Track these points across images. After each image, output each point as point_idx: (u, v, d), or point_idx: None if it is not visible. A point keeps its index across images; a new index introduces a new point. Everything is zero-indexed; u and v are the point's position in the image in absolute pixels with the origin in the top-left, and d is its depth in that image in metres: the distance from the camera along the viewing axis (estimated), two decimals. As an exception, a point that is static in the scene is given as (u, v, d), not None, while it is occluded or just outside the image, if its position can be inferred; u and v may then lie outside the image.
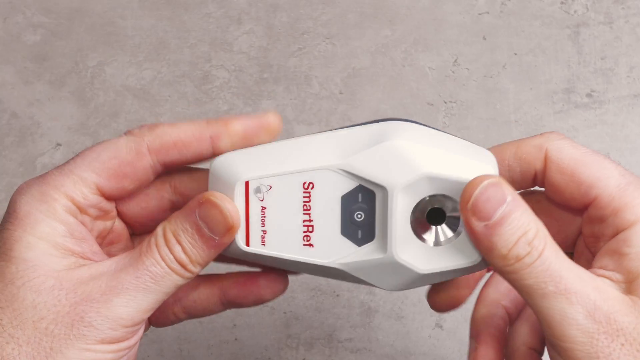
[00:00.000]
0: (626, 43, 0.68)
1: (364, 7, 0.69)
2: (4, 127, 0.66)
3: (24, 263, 0.41)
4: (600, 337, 0.39)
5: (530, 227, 0.40)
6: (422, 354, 0.61)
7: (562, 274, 0.39)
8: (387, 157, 0.41)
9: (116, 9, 0.69)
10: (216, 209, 0.41)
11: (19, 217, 0.42)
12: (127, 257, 0.42)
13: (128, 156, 0.43)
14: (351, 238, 0.42)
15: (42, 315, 0.40)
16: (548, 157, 0.43)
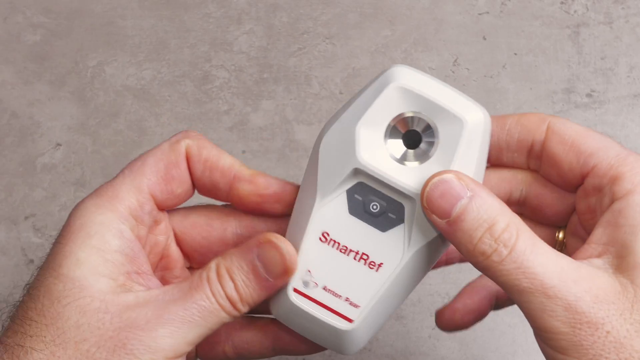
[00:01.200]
0: (626, 43, 0.68)
1: (364, 7, 0.69)
2: (4, 127, 0.66)
3: (72, 282, 0.41)
4: (582, 326, 0.38)
5: (497, 219, 0.39)
6: (422, 354, 0.61)
7: (537, 270, 0.38)
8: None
9: (116, 9, 0.69)
10: (276, 250, 0.42)
11: (72, 231, 0.42)
12: (176, 288, 0.41)
13: (172, 157, 0.44)
14: (371, 220, 0.42)
15: (84, 337, 0.40)
16: (550, 128, 0.43)
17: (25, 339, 0.40)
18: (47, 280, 0.41)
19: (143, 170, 0.43)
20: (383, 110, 0.42)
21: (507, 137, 0.44)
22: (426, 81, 0.42)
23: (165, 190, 0.44)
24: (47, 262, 0.42)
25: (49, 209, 0.64)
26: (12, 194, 0.65)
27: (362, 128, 0.42)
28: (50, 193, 0.65)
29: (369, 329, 0.44)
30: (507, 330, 0.61)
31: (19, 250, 0.63)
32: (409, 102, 0.42)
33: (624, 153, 0.41)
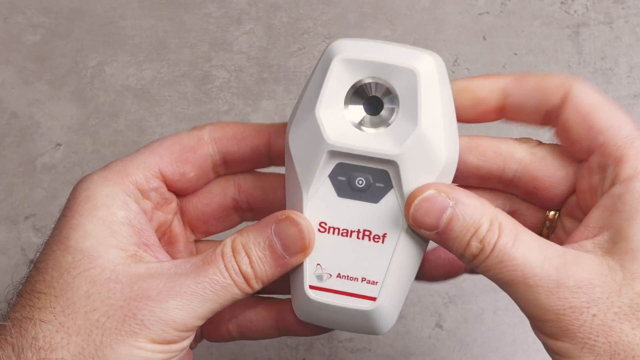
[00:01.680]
0: (626, 43, 0.68)
1: (364, 7, 0.69)
2: (4, 127, 0.66)
3: (80, 253, 0.41)
4: (566, 312, 0.38)
5: (482, 222, 0.40)
6: (422, 354, 0.61)
7: (518, 261, 0.39)
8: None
9: (116, 9, 0.69)
10: (296, 227, 0.42)
11: (78, 203, 0.42)
12: (189, 262, 0.41)
13: (190, 142, 0.44)
14: (361, 196, 0.42)
15: (94, 307, 0.40)
16: (568, 95, 0.42)
17: (34, 311, 0.40)
18: (55, 254, 0.41)
19: (157, 150, 0.44)
20: (336, 87, 0.41)
21: (525, 100, 0.43)
22: (367, 46, 0.42)
23: (177, 171, 0.44)
24: (54, 235, 0.42)
25: (49, 209, 0.64)
26: (12, 194, 0.65)
27: (321, 110, 0.41)
28: (50, 193, 0.65)
29: (394, 302, 0.44)
30: (508, 330, 0.61)
31: (19, 250, 0.63)
32: (358, 70, 0.42)
33: (634, 135, 0.41)
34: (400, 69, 0.41)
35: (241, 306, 0.47)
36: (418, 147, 0.41)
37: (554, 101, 0.43)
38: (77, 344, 0.39)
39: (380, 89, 0.42)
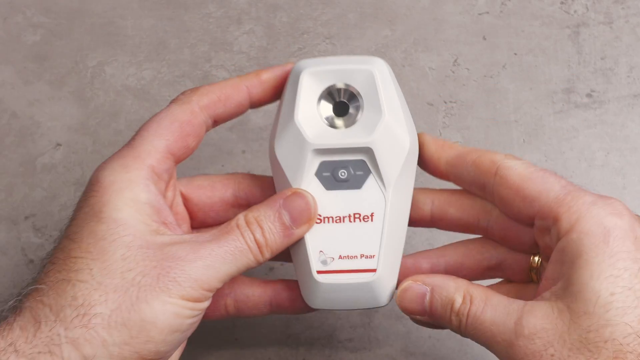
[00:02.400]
0: (626, 43, 0.68)
1: (364, 7, 0.69)
2: (4, 127, 0.66)
3: (115, 222, 0.46)
4: (528, 357, 0.44)
5: (455, 298, 0.47)
6: (422, 354, 0.61)
7: (486, 324, 0.46)
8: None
9: (116, 9, 0.69)
10: (302, 199, 0.49)
11: (104, 186, 0.47)
12: (207, 234, 0.47)
13: (185, 117, 0.50)
14: (346, 185, 0.49)
15: (130, 267, 0.45)
16: (497, 173, 0.49)
17: (71, 274, 0.44)
18: (90, 225, 0.46)
19: (160, 132, 0.49)
20: (308, 96, 0.49)
21: (465, 175, 0.50)
22: (327, 60, 0.50)
23: (182, 146, 0.50)
24: (85, 211, 0.47)
25: (49, 209, 0.64)
26: (12, 194, 0.65)
27: (300, 119, 0.49)
28: (50, 193, 0.65)
29: (391, 271, 0.50)
30: (507, 330, 0.61)
31: (19, 250, 0.63)
32: (324, 79, 0.49)
33: (563, 193, 0.47)
34: (358, 71, 0.49)
35: (240, 283, 0.52)
36: (386, 133, 0.49)
37: (489, 179, 0.49)
38: (114, 300, 0.44)
39: (345, 92, 0.50)
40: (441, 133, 0.66)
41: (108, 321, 0.44)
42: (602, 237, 0.45)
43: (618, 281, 0.44)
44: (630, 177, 0.65)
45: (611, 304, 0.43)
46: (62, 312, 0.44)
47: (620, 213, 0.46)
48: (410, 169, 0.51)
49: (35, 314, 0.44)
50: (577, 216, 0.46)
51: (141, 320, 0.44)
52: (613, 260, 0.44)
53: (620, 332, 0.43)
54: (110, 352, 0.44)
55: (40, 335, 0.44)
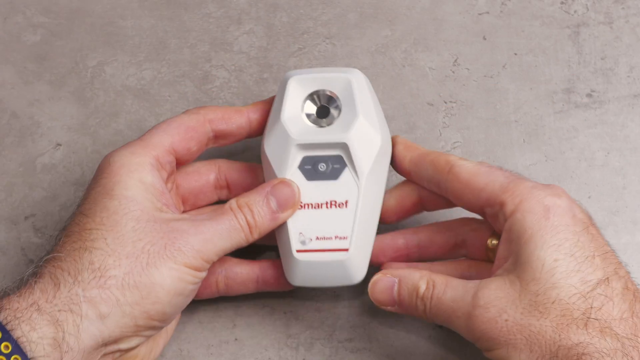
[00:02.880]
0: (626, 43, 0.68)
1: (364, 7, 0.69)
2: (4, 127, 0.66)
3: (125, 199, 0.52)
4: (485, 325, 0.50)
5: (419, 284, 0.53)
6: (422, 354, 0.61)
7: (448, 303, 0.52)
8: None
9: (116, 9, 0.69)
10: (289, 187, 0.56)
11: (115, 169, 0.53)
12: (203, 214, 0.54)
13: (192, 123, 0.56)
14: (324, 176, 0.57)
15: (140, 237, 0.51)
16: (450, 171, 0.55)
17: (87, 242, 0.50)
18: (102, 201, 0.52)
19: (168, 130, 0.56)
20: (294, 100, 0.57)
21: (424, 173, 0.57)
22: (311, 70, 0.58)
23: (185, 147, 0.56)
24: (96, 191, 0.53)
25: (49, 209, 0.64)
26: (12, 194, 0.65)
27: (286, 119, 0.57)
28: (50, 193, 0.65)
29: (363, 252, 0.57)
30: (507, 330, 0.61)
31: (19, 250, 0.63)
32: (308, 85, 0.57)
33: (506, 182, 0.53)
34: (338, 78, 0.57)
35: (230, 262, 0.58)
36: (360, 131, 0.56)
37: (443, 177, 0.55)
38: (126, 265, 0.50)
39: (326, 97, 0.58)
40: (441, 133, 0.66)
41: (122, 283, 0.50)
42: (543, 214, 0.51)
43: (560, 249, 0.49)
44: (630, 177, 0.65)
45: (555, 269, 0.49)
46: (80, 275, 0.49)
47: (559, 194, 0.52)
48: (382, 164, 0.58)
49: (54, 278, 0.49)
50: (520, 199, 0.51)
51: (151, 282, 0.50)
52: (554, 232, 0.50)
53: (566, 293, 0.48)
54: (123, 310, 0.50)
55: (59, 295, 0.49)
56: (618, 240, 0.64)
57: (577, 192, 0.65)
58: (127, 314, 0.50)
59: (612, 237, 0.64)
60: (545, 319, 0.48)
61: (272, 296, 0.62)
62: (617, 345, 0.47)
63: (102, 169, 0.54)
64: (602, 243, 0.51)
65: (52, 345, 0.48)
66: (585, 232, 0.51)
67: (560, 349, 0.48)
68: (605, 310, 0.48)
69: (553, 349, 0.48)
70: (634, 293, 0.50)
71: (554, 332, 0.48)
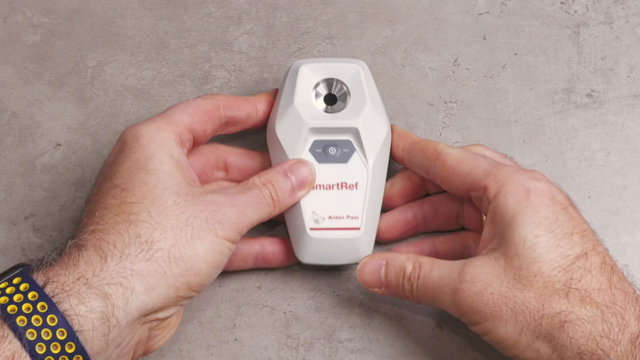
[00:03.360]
0: (626, 43, 0.68)
1: (364, 7, 0.69)
2: (4, 127, 0.66)
3: (163, 174, 0.53)
4: (472, 299, 0.52)
5: (406, 265, 0.56)
6: (422, 354, 0.61)
7: (434, 281, 0.54)
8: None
9: (116, 9, 0.69)
10: (306, 166, 0.59)
11: (144, 143, 0.54)
12: (231, 189, 0.56)
13: (209, 106, 0.58)
14: (334, 160, 0.60)
15: (182, 210, 0.52)
16: (438, 158, 0.58)
17: (131, 215, 0.51)
18: (139, 176, 0.53)
19: (187, 110, 0.57)
20: (305, 86, 0.60)
21: (415, 160, 0.60)
22: (320, 60, 0.62)
23: (201, 128, 0.58)
24: (127, 165, 0.54)
25: (49, 209, 0.64)
26: (12, 194, 0.65)
27: (298, 104, 0.59)
28: (50, 193, 0.64)
29: (371, 230, 0.60)
30: (507, 330, 0.61)
31: (19, 250, 0.63)
32: (318, 72, 0.60)
33: (489, 167, 0.55)
34: (347, 67, 0.61)
35: None
36: (369, 117, 0.60)
37: (432, 164, 0.58)
38: (172, 238, 0.51)
39: (335, 85, 0.60)
40: (441, 133, 0.66)
41: (168, 255, 0.51)
42: (524, 195, 0.53)
43: (540, 226, 0.52)
44: (630, 177, 0.65)
45: (536, 245, 0.52)
46: (127, 248, 0.50)
47: (538, 178, 0.55)
48: (387, 149, 0.61)
49: (99, 251, 0.50)
50: (502, 182, 0.54)
51: (195, 254, 0.52)
52: (534, 212, 0.53)
53: (547, 266, 0.51)
54: (169, 282, 0.51)
55: (107, 269, 0.50)
56: (618, 240, 0.64)
57: (577, 192, 0.65)
58: (171, 286, 0.51)
59: (612, 237, 0.64)
60: (529, 290, 0.51)
61: (272, 296, 0.62)
62: (596, 312, 0.51)
63: (129, 142, 0.55)
64: (580, 222, 0.54)
65: (100, 319, 0.49)
66: (564, 212, 0.54)
67: (544, 318, 0.51)
68: (585, 281, 0.51)
69: (537, 317, 0.51)
70: (611, 267, 0.53)
71: (537, 302, 0.51)
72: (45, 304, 0.48)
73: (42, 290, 0.48)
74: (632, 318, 0.51)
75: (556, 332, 0.51)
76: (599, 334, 0.50)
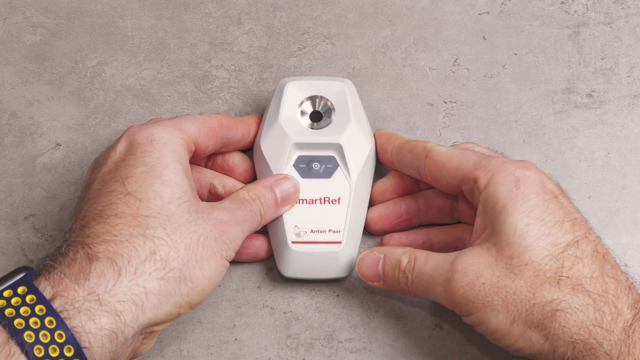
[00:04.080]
0: (626, 43, 0.68)
1: (364, 7, 0.69)
2: (3, 127, 0.66)
3: (177, 187, 0.53)
4: (465, 289, 0.52)
5: (401, 258, 0.56)
6: (422, 354, 0.61)
7: (428, 272, 0.54)
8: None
9: (116, 9, 0.69)
10: (291, 182, 0.60)
11: (158, 147, 0.54)
12: (226, 203, 0.56)
13: (214, 125, 0.59)
14: (318, 175, 0.61)
15: (195, 229, 0.53)
16: (427, 156, 0.58)
17: (147, 230, 0.51)
18: (154, 186, 0.53)
19: (194, 123, 0.58)
20: (291, 103, 0.61)
21: (405, 160, 0.60)
22: (306, 77, 0.63)
23: (204, 143, 0.58)
24: (141, 170, 0.53)
25: (49, 209, 0.64)
26: (12, 194, 0.65)
27: (283, 120, 0.61)
28: (50, 193, 0.64)
29: (353, 245, 0.61)
30: (507, 330, 0.61)
31: (19, 250, 0.63)
32: (304, 90, 0.62)
33: (479, 159, 0.56)
34: (332, 85, 0.62)
35: None
36: (353, 134, 0.61)
37: (421, 162, 0.58)
38: (184, 257, 0.52)
39: (320, 102, 0.61)
40: (441, 133, 0.66)
41: (179, 275, 0.51)
42: (514, 184, 0.53)
43: (531, 215, 0.52)
44: (630, 177, 0.65)
45: (527, 233, 0.52)
46: (143, 266, 0.50)
47: (529, 167, 0.55)
48: (370, 166, 0.62)
49: (114, 264, 0.50)
50: (492, 173, 0.54)
51: (202, 275, 0.52)
52: (524, 200, 0.53)
53: (538, 254, 0.51)
54: (175, 301, 0.51)
55: (120, 285, 0.49)
56: (618, 240, 0.64)
57: (577, 192, 0.65)
58: (176, 304, 0.52)
59: (612, 237, 0.64)
60: (520, 279, 0.51)
61: (272, 296, 0.62)
62: (588, 301, 0.50)
63: (142, 144, 0.54)
64: (571, 210, 0.54)
65: (109, 336, 0.48)
66: (555, 200, 0.53)
67: (535, 307, 0.51)
68: (576, 269, 0.51)
69: (528, 307, 0.51)
70: (603, 255, 0.52)
71: (528, 291, 0.51)
72: (54, 319, 0.47)
73: (49, 304, 0.47)
74: (625, 306, 0.50)
75: (548, 321, 0.50)
76: (591, 323, 0.50)
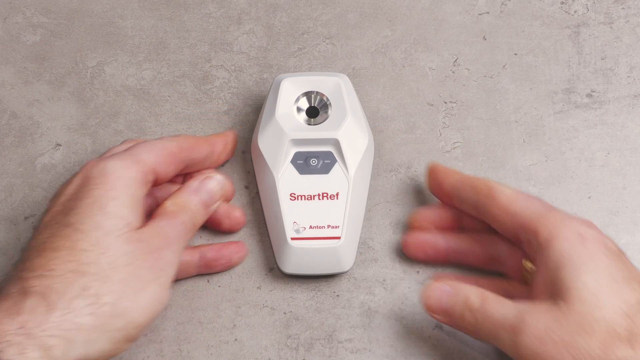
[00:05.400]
0: (626, 43, 0.68)
1: (364, 7, 0.69)
2: (3, 127, 0.66)
3: (120, 219, 0.53)
4: (532, 340, 0.51)
5: (468, 296, 0.55)
6: (422, 354, 0.61)
7: (496, 318, 0.53)
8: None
9: (116, 9, 0.69)
10: (214, 179, 0.59)
11: (109, 181, 0.54)
12: (156, 222, 0.55)
13: (174, 149, 0.58)
14: (316, 171, 0.61)
15: (130, 262, 0.52)
16: (490, 195, 0.57)
17: (81, 265, 0.51)
18: (96, 218, 0.52)
19: (153, 151, 0.57)
20: (287, 99, 0.61)
21: (465, 196, 0.59)
22: (302, 73, 0.63)
23: (164, 170, 0.57)
24: (87, 202, 0.53)
25: (48, 209, 0.64)
26: (12, 194, 0.65)
27: (279, 116, 0.61)
28: (50, 193, 0.64)
29: (353, 240, 0.61)
30: (507, 330, 0.61)
31: (19, 250, 0.63)
32: (300, 86, 0.62)
33: (542, 210, 0.55)
34: (328, 80, 0.62)
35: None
36: (350, 129, 0.61)
37: (482, 199, 0.58)
38: (118, 291, 0.51)
39: (316, 98, 0.62)
40: (441, 133, 0.66)
41: (113, 310, 0.51)
42: (580, 241, 0.53)
43: (600, 272, 0.52)
44: (630, 177, 0.65)
45: (598, 290, 0.51)
46: (75, 301, 0.50)
47: (591, 225, 0.55)
48: (368, 160, 0.62)
49: (47, 299, 0.49)
50: (553, 227, 0.54)
51: (139, 307, 0.52)
52: (592, 258, 0.52)
53: (610, 312, 0.51)
54: (109, 336, 0.51)
55: (51, 319, 0.49)
56: (618, 240, 0.64)
57: (577, 192, 0.65)
58: (111, 339, 0.51)
59: (612, 237, 0.64)
60: (592, 337, 0.50)
61: (272, 296, 0.62)
62: None
63: (93, 178, 0.54)
64: (634, 269, 0.54)
65: None
66: (619, 259, 0.53)
67: None
68: None
69: None
70: None
71: (600, 349, 0.50)
72: None
73: None
74: None
75: None
76: None
